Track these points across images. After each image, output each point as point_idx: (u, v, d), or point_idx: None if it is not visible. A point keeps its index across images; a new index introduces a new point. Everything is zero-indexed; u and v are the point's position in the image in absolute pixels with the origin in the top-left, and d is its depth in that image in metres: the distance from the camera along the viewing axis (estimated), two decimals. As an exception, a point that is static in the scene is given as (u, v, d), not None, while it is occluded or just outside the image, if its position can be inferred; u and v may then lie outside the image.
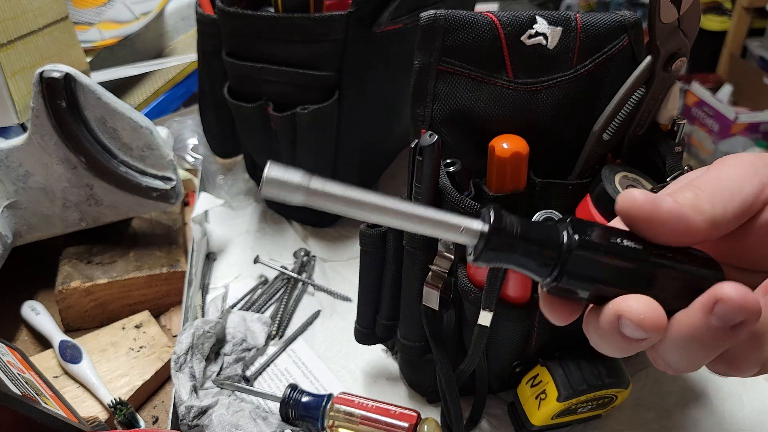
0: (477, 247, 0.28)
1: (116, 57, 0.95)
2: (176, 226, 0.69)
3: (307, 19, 0.58)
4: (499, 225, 0.28)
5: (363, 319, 0.54)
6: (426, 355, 0.51)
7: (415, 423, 0.48)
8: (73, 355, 0.55)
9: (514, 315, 0.44)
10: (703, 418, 0.53)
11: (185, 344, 0.53)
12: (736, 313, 0.27)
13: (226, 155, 0.78)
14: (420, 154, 0.42)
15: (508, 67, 0.47)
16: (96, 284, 0.60)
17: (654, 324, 0.28)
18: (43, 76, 0.56)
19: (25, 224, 0.63)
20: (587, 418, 0.51)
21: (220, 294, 0.65)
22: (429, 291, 0.46)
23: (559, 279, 0.29)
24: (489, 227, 0.28)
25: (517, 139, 0.46)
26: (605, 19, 0.48)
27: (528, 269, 0.30)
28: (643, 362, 0.58)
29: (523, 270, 0.30)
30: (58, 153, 0.59)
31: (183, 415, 0.49)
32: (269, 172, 0.25)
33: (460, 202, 0.43)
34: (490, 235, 0.28)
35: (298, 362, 0.59)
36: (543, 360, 0.48)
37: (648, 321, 0.28)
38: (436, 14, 0.45)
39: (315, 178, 0.26)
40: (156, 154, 0.61)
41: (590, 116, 0.49)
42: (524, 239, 0.29)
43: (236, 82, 0.65)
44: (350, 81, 0.62)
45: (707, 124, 2.17)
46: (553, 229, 0.29)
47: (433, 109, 0.47)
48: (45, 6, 0.69)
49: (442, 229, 0.28)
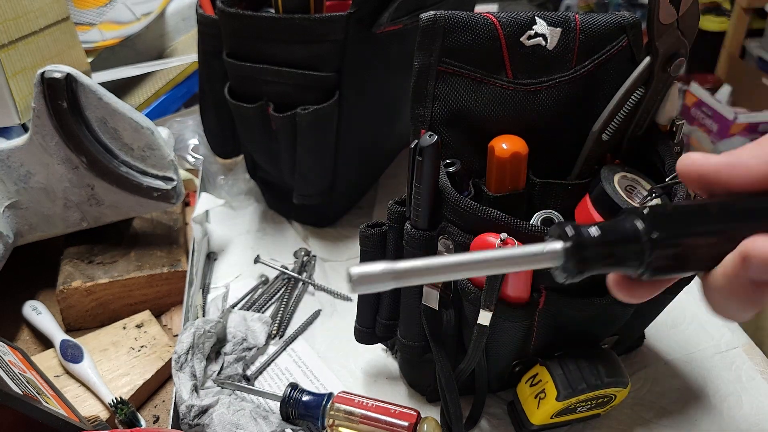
0: (565, 264, 0.29)
1: (117, 57, 0.95)
2: (177, 226, 0.69)
3: (307, 19, 0.58)
4: (579, 238, 0.29)
5: (363, 319, 0.54)
6: (426, 354, 0.51)
7: (415, 422, 0.48)
8: (74, 354, 0.55)
9: (513, 315, 0.45)
10: (702, 417, 0.53)
11: (186, 344, 0.53)
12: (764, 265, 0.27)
13: (226, 155, 0.78)
14: (420, 154, 0.42)
15: (507, 68, 0.47)
16: (97, 284, 0.60)
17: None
18: (45, 76, 0.56)
19: (26, 224, 0.63)
20: (586, 417, 0.51)
21: (221, 294, 0.66)
22: (429, 291, 0.46)
23: (646, 274, 0.30)
24: (572, 243, 0.29)
25: (517, 139, 0.46)
26: (604, 19, 0.48)
27: (619, 269, 0.30)
28: (642, 362, 0.58)
29: (614, 270, 0.30)
30: (60, 153, 0.59)
31: (184, 414, 0.49)
32: (354, 272, 0.26)
33: (460, 202, 0.43)
34: (575, 250, 0.29)
35: (298, 361, 0.59)
36: (542, 359, 0.48)
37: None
38: (436, 15, 0.45)
39: (399, 261, 0.27)
40: (157, 155, 0.61)
41: (589, 117, 0.49)
42: (606, 244, 0.29)
43: (237, 82, 0.65)
44: (350, 81, 0.62)
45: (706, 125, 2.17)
46: (630, 222, 0.30)
47: (433, 109, 0.47)
48: (46, 7, 0.69)
49: (528, 263, 0.29)
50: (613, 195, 0.45)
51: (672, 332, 0.61)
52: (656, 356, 0.59)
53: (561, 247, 0.29)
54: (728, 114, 2.08)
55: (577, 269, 0.29)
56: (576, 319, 0.46)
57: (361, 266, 0.26)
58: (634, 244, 0.29)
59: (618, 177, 0.46)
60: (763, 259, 0.27)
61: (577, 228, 0.29)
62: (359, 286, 0.26)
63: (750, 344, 0.60)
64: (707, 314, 0.63)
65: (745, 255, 0.28)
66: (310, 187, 0.68)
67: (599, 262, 0.29)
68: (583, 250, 0.29)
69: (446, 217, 0.44)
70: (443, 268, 0.28)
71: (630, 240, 0.29)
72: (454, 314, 0.47)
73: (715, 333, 0.61)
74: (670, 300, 0.50)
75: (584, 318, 0.46)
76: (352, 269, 0.26)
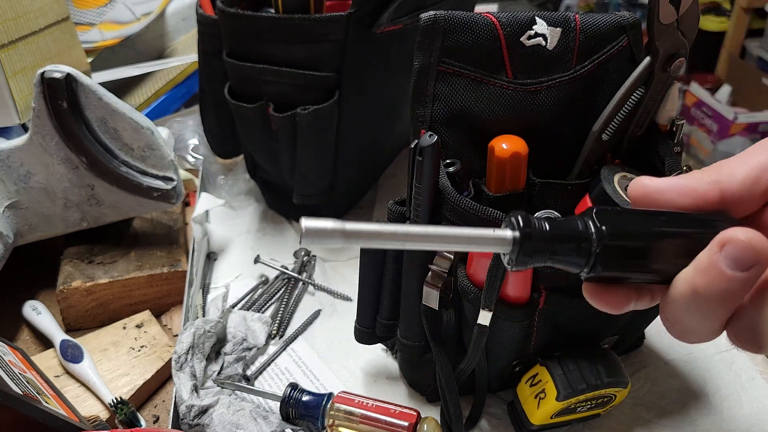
0: (512, 254, 0.30)
1: (117, 57, 0.95)
2: (177, 226, 0.69)
3: (307, 19, 0.58)
4: (528, 229, 0.29)
5: (363, 319, 0.54)
6: (426, 354, 0.51)
7: (415, 422, 0.48)
8: (74, 354, 0.55)
9: (513, 315, 0.45)
10: (702, 417, 0.53)
11: (186, 344, 0.53)
12: (743, 252, 0.27)
13: (226, 155, 0.78)
14: (420, 154, 0.42)
15: (507, 68, 0.47)
16: (97, 284, 0.60)
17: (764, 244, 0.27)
18: (45, 76, 0.56)
19: (26, 224, 0.63)
20: (586, 417, 0.51)
21: (221, 294, 0.66)
22: (429, 291, 0.46)
23: (594, 270, 0.30)
24: (519, 233, 0.29)
25: (517, 139, 0.46)
26: (604, 19, 0.48)
27: (564, 265, 0.31)
28: (642, 362, 0.58)
29: (559, 266, 0.31)
30: (60, 153, 0.59)
31: (184, 414, 0.49)
32: (305, 224, 0.28)
33: (460, 202, 0.43)
34: (522, 240, 0.29)
35: (298, 361, 0.59)
36: (542, 359, 0.48)
37: (757, 241, 0.27)
38: (436, 15, 0.45)
39: (348, 222, 0.28)
40: (157, 155, 0.61)
41: (589, 116, 0.49)
42: (554, 239, 0.30)
43: (237, 82, 0.65)
44: (350, 81, 0.62)
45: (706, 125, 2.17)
46: (581, 221, 0.30)
47: (433, 109, 0.47)
48: (46, 7, 0.69)
49: (475, 244, 0.30)
50: (613, 195, 0.45)
51: (672, 332, 0.61)
52: (656, 356, 0.59)
53: (510, 235, 0.29)
54: (728, 114, 2.09)
55: (522, 259, 0.30)
56: (576, 319, 0.46)
57: (312, 220, 0.28)
58: (582, 242, 0.30)
59: (618, 177, 0.46)
60: (743, 244, 0.27)
61: (529, 220, 0.30)
62: (308, 239, 0.28)
63: (750, 344, 0.60)
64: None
65: (723, 242, 0.28)
66: (310, 187, 0.68)
67: (545, 255, 0.30)
68: (531, 242, 0.29)
69: (446, 217, 0.44)
70: (391, 235, 0.29)
71: (578, 238, 0.30)
72: (454, 314, 0.47)
73: (715, 333, 0.61)
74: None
75: (584, 318, 0.46)
76: (304, 221, 0.28)
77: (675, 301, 0.30)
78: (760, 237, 0.27)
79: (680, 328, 0.31)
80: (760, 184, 0.31)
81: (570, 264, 0.31)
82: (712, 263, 0.28)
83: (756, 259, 0.27)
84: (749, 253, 0.27)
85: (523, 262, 0.30)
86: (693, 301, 0.29)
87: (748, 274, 0.27)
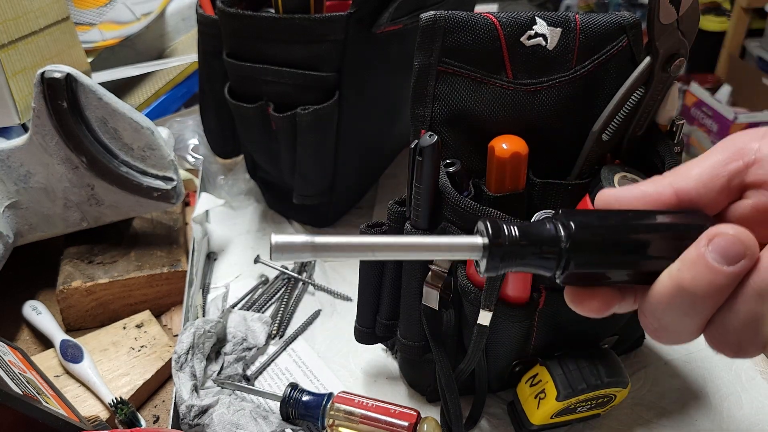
0: (482, 260, 0.30)
1: (117, 57, 0.95)
2: (177, 226, 0.69)
3: (307, 19, 0.58)
4: (497, 236, 0.30)
5: (363, 319, 0.54)
6: (426, 354, 0.51)
7: (415, 422, 0.48)
8: (74, 354, 0.55)
9: (513, 315, 0.45)
10: (702, 417, 0.53)
11: (186, 344, 0.53)
12: (731, 246, 0.27)
13: (226, 155, 0.78)
14: (420, 154, 0.42)
15: (507, 68, 0.47)
16: (97, 284, 0.60)
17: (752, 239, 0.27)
18: (45, 76, 0.56)
19: (26, 224, 0.63)
20: (586, 417, 0.51)
21: (221, 294, 0.66)
22: (429, 291, 0.46)
23: (566, 271, 0.30)
24: (488, 240, 0.30)
25: (517, 139, 0.46)
26: (604, 19, 0.48)
27: (536, 268, 0.31)
28: (642, 362, 0.58)
29: (532, 270, 0.31)
30: (59, 153, 0.59)
31: (184, 414, 0.49)
32: (275, 240, 0.28)
33: (460, 202, 0.43)
34: (491, 247, 0.30)
35: (298, 361, 0.59)
36: (542, 359, 0.48)
37: (745, 236, 0.28)
38: (436, 15, 0.45)
39: (318, 236, 0.28)
40: (157, 155, 0.61)
41: (589, 117, 0.49)
42: (523, 244, 0.30)
43: (237, 82, 0.65)
44: (350, 81, 0.62)
45: (706, 125, 2.17)
46: (549, 225, 0.31)
47: (433, 109, 0.47)
48: (46, 7, 0.69)
49: (446, 251, 0.30)
50: (613, 195, 0.45)
51: (672, 332, 0.61)
52: (656, 356, 0.59)
53: (480, 242, 0.30)
54: (728, 114, 2.09)
55: (493, 265, 0.30)
56: (576, 319, 0.46)
57: (283, 236, 0.28)
58: (551, 244, 0.30)
59: (618, 177, 0.46)
60: (731, 237, 0.27)
61: (498, 226, 0.30)
62: (279, 254, 0.28)
63: (750, 344, 0.60)
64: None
65: (711, 236, 0.28)
66: (310, 187, 0.68)
67: (516, 260, 0.30)
68: (501, 248, 0.30)
69: (446, 217, 0.44)
70: (361, 247, 0.29)
71: (547, 239, 0.30)
72: (454, 314, 0.47)
73: (715, 333, 0.61)
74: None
75: (584, 318, 0.46)
76: (274, 237, 0.28)
77: (658, 297, 0.30)
78: (747, 232, 0.28)
79: (659, 325, 0.31)
80: (714, 183, 0.31)
81: (542, 267, 0.31)
82: (700, 256, 0.28)
83: (743, 253, 0.27)
84: (737, 247, 0.27)
85: (494, 267, 0.30)
86: (678, 296, 0.29)
87: (736, 268, 0.27)
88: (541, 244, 0.30)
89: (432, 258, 0.31)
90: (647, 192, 0.32)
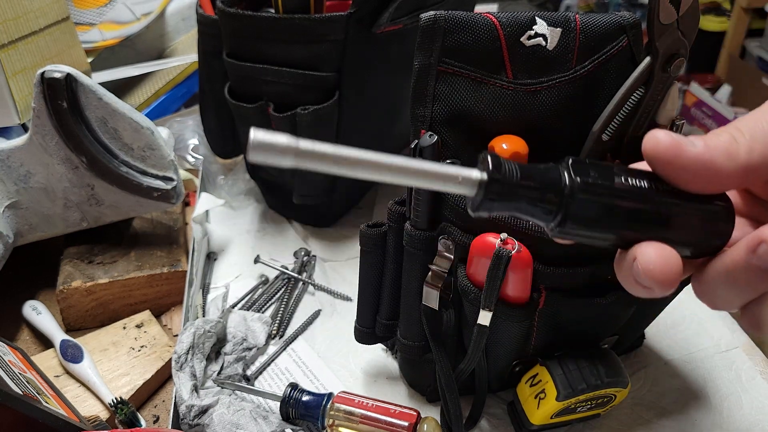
0: (477, 196, 0.28)
1: (117, 57, 0.95)
2: (177, 226, 0.69)
3: (307, 19, 0.58)
4: (498, 172, 0.27)
5: (363, 319, 0.54)
6: (426, 354, 0.51)
7: (415, 422, 0.48)
8: (74, 354, 0.55)
9: (513, 315, 0.45)
10: (702, 417, 0.53)
11: (186, 344, 0.53)
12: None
13: (226, 155, 0.78)
14: (420, 154, 0.42)
15: (507, 68, 0.47)
16: (97, 284, 0.60)
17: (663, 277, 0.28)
18: (45, 76, 0.56)
19: (26, 224, 0.63)
20: (586, 417, 0.51)
21: (221, 293, 0.66)
22: (429, 291, 0.46)
23: (563, 224, 0.29)
24: (487, 175, 0.27)
25: (517, 139, 0.46)
26: (604, 19, 0.48)
27: (531, 215, 0.29)
28: (642, 362, 0.58)
29: (526, 216, 0.29)
30: (59, 153, 0.59)
31: (184, 414, 0.49)
32: (255, 136, 0.24)
33: (460, 202, 0.43)
34: (489, 183, 0.27)
35: (298, 361, 0.59)
36: (542, 359, 0.48)
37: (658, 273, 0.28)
38: (436, 15, 0.45)
39: (303, 139, 0.25)
40: (157, 155, 0.61)
41: (589, 117, 0.49)
42: (524, 185, 0.28)
43: (237, 82, 0.65)
44: (350, 82, 0.62)
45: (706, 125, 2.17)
46: (554, 170, 0.29)
47: (433, 109, 0.47)
48: (46, 6, 0.69)
49: (440, 180, 0.27)
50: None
51: (672, 332, 0.61)
52: (656, 356, 0.59)
53: (478, 176, 0.27)
54: (728, 114, 2.09)
55: (486, 204, 0.28)
56: (576, 319, 0.46)
57: (264, 131, 0.25)
58: (552, 191, 0.28)
59: (618, 177, 0.46)
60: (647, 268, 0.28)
61: (501, 163, 0.28)
62: (257, 153, 0.25)
63: (750, 344, 0.60)
64: (707, 314, 0.63)
65: (756, 243, 0.28)
66: (310, 187, 0.68)
67: (512, 201, 0.28)
68: (497, 186, 0.27)
69: (446, 217, 0.44)
70: (349, 160, 0.26)
71: (549, 185, 0.28)
72: (454, 314, 0.47)
73: (715, 333, 0.61)
74: (671, 300, 0.50)
75: (584, 318, 0.46)
76: (253, 131, 0.24)
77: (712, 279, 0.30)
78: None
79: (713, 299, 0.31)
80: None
81: (537, 216, 0.29)
82: (745, 262, 0.28)
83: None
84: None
85: (488, 207, 0.28)
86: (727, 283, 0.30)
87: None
88: (542, 190, 0.28)
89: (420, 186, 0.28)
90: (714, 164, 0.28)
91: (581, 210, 0.28)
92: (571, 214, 0.28)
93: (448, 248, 0.45)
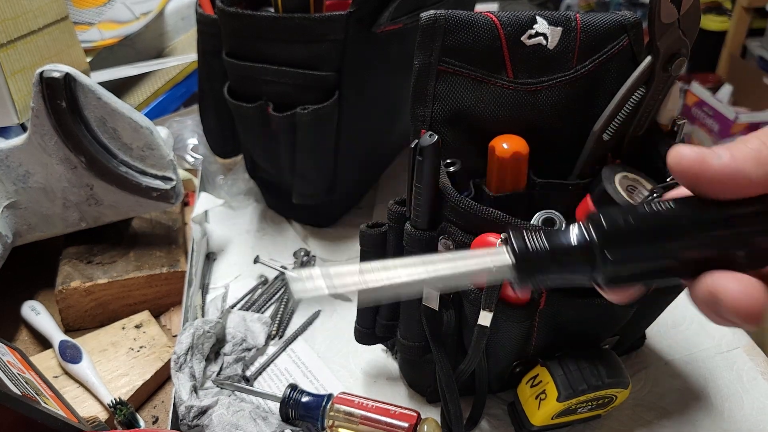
0: (513, 278, 0.28)
1: (116, 57, 0.95)
2: (176, 226, 0.69)
3: (307, 19, 0.58)
4: (524, 253, 0.28)
5: (363, 319, 0.54)
6: (426, 355, 0.51)
7: (414, 423, 0.48)
8: (73, 355, 0.55)
9: (514, 315, 0.44)
10: (703, 418, 0.53)
11: (185, 344, 0.53)
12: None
13: (226, 155, 0.78)
14: (420, 154, 0.42)
15: (508, 68, 0.47)
16: (96, 284, 0.60)
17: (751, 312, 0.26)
18: (43, 76, 0.56)
19: (25, 224, 0.63)
20: (587, 418, 0.51)
21: (220, 294, 0.65)
22: (429, 291, 0.46)
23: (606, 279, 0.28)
24: (514, 258, 0.28)
25: (517, 139, 0.46)
26: (605, 19, 0.48)
27: (573, 279, 0.29)
28: (643, 362, 0.58)
29: (570, 281, 0.29)
30: (58, 153, 0.59)
31: (183, 415, 0.49)
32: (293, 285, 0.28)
33: (460, 202, 0.43)
34: (519, 264, 0.28)
35: (298, 362, 0.59)
36: (543, 360, 0.48)
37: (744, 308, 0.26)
38: (436, 14, 0.45)
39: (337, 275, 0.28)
40: (156, 154, 0.61)
41: (590, 116, 0.49)
42: (553, 257, 0.28)
43: (236, 82, 0.65)
44: (350, 81, 0.62)
45: (707, 124, 2.17)
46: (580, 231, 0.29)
47: (433, 109, 0.47)
48: (45, 6, 0.69)
49: (475, 277, 0.29)
50: (614, 195, 0.45)
51: (673, 332, 0.61)
52: (657, 357, 0.59)
53: (507, 261, 0.28)
54: (729, 114, 2.08)
55: (521, 284, 0.28)
56: (577, 319, 0.46)
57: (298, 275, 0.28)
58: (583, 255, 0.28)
59: (619, 177, 0.46)
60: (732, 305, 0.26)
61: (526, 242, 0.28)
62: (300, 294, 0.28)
63: (751, 345, 0.60)
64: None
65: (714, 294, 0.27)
66: (310, 187, 0.68)
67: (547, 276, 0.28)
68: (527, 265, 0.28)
69: (446, 217, 0.44)
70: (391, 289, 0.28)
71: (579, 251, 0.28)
72: (454, 315, 0.47)
73: (716, 333, 0.61)
74: (671, 300, 0.50)
75: (585, 318, 0.46)
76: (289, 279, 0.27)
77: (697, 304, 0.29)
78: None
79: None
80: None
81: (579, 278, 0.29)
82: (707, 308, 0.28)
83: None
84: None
85: (527, 283, 0.28)
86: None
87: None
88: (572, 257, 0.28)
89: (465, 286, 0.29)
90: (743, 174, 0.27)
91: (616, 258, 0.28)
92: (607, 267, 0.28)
93: (449, 248, 0.45)
